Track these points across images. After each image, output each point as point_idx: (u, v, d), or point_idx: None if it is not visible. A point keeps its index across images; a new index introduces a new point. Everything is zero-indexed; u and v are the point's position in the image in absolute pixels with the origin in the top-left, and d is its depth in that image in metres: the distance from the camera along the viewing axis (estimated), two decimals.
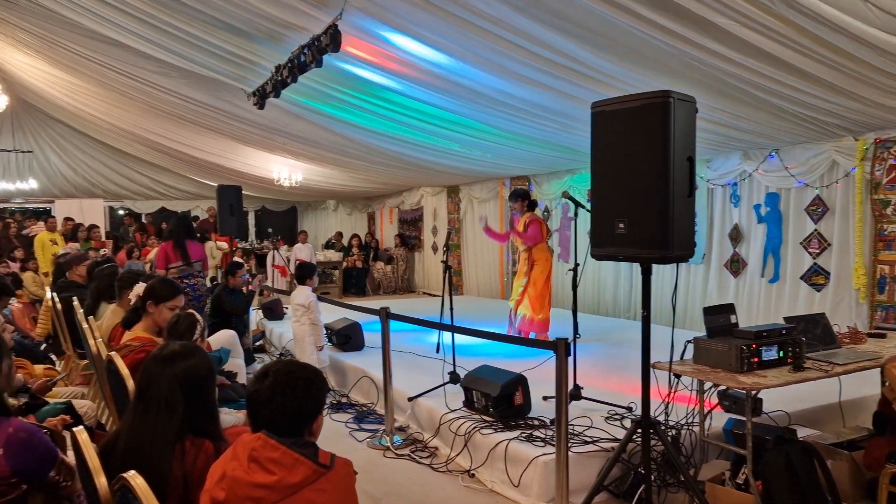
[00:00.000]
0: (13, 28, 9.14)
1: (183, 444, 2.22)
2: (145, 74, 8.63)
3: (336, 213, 18.32)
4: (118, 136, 14.44)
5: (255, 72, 7.12)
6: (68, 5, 7.12)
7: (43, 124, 15.88)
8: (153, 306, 3.73)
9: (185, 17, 6.21)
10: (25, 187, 16.45)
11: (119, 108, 11.49)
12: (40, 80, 12.12)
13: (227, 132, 10.85)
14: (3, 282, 4.82)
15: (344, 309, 6.84)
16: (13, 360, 2.54)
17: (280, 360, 2.17)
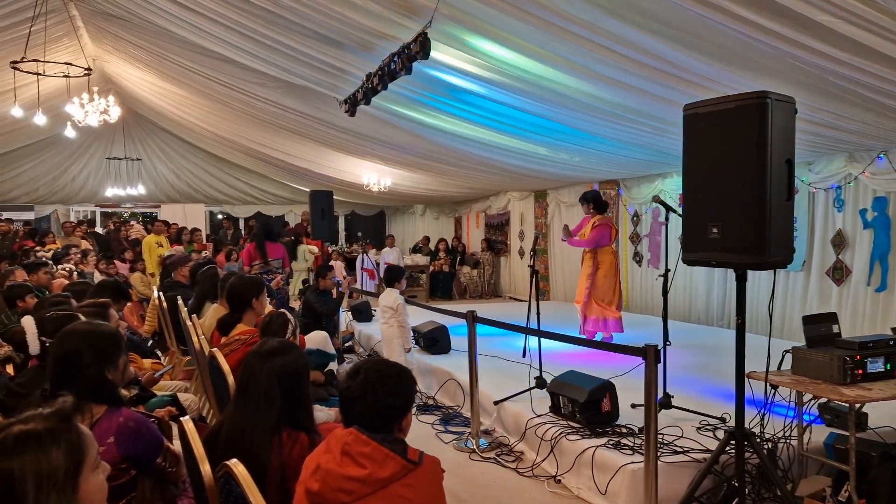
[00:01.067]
0: (127, 44, 9.76)
1: (280, 436, 2.33)
2: (245, 85, 9.04)
3: (423, 217, 18.55)
4: (219, 143, 15.16)
5: (346, 80, 7.33)
6: (177, 22, 7.55)
7: (151, 134, 16.85)
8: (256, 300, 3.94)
9: (283, 31, 6.47)
10: (134, 192, 17.51)
11: (220, 117, 12.07)
12: (149, 93, 12.88)
13: (319, 139, 11.21)
14: (121, 286, 5.16)
15: (431, 312, 6.93)
16: (128, 356, 2.72)
17: (371, 359, 2.25)
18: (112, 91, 11.93)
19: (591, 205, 7.21)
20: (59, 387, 2.22)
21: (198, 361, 4.66)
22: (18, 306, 5.59)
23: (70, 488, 1.31)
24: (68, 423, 1.37)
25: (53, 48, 9.06)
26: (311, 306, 7.21)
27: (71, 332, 2.38)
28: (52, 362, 2.33)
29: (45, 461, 1.29)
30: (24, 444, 1.29)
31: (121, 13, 8.37)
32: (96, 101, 9.40)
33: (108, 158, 17.07)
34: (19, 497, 1.26)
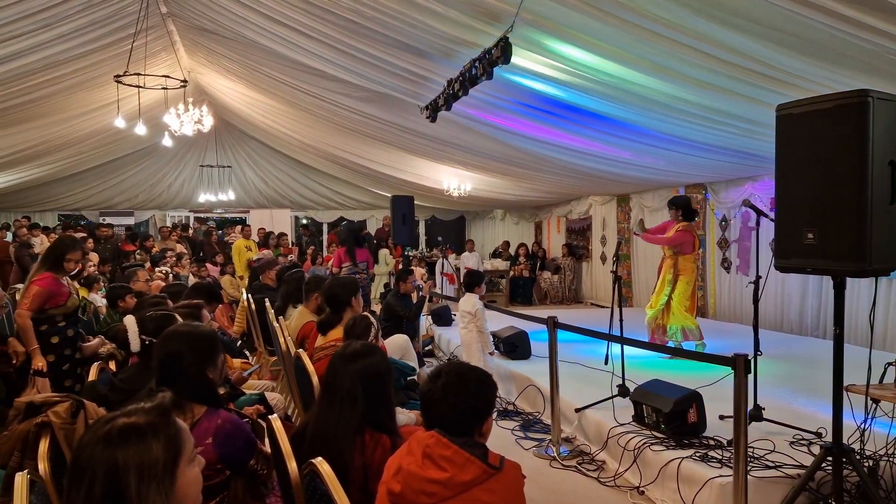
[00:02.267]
0: (219, 57, 10.20)
1: (363, 437, 2.37)
2: (330, 94, 9.28)
3: (503, 222, 18.51)
4: (304, 151, 15.61)
5: (427, 87, 7.42)
6: (266, 35, 7.84)
7: (240, 142, 17.53)
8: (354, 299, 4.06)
9: (367, 41, 6.62)
10: (224, 198, 18.27)
11: (306, 125, 12.44)
12: (239, 102, 13.41)
13: (400, 145, 11.38)
14: (214, 289, 5.38)
15: (511, 317, 6.91)
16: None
17: (452, 362, 2.26)
18: (205, 101, 12.49)
19: (681, 211, 6.99)
20: (164, 386, 2.34)
21: (284, 362, 4.81)
22: (119, 306, 5.91)
23: (168, 480, 1.38)
24: (167, 417, 1.44)
25: (153, 62, 9.55)
26: (392, 310, 7.31)
27: (173, 334, 2.50)
28: (157, 363, 2.46)
29: (146, 453, 1.36)
30: (127, 437, 1.37)
31: (214, 27, 8.76)
32: (191, 112, 9.86)
33: (201, 166, 17.89)
34: (122, 486, 1.33)
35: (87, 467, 1.34)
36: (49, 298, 4.57)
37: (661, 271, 7.14)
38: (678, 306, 6.81)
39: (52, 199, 17.87)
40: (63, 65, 8.93)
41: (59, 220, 17.96)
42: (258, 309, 6.76)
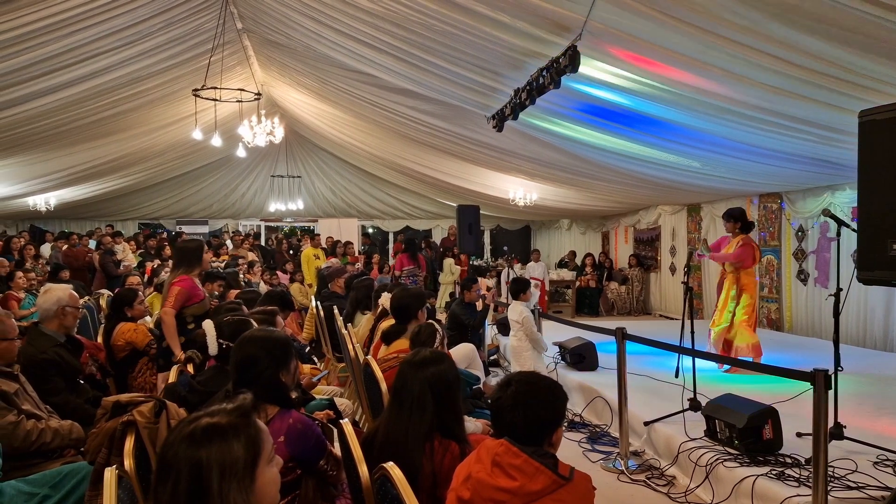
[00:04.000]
0: (291, 70, 10.50)
1: (432, 443, 2.40)
2: (397, 105, 9.42)
3: (569, 231, 18.34)
4: (371, 161, 15.88)
5: (494, 97, 7.44)
6: (336, 49, 8.03)
7: (310, 152, 17.97)
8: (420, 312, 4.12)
9: (435, 53, 6.70)
10: (294, 208, 18.75)
11: (373, 136, 12.65)
12: (309, 114, 13.75)
13: (466, 156, 11.44)
14: (286, 296, 5.53)
15: (577, 328, 6.83)
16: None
17: (522, 371, 2.26)
18: (277, 113, 12.86)
19: (739, 224, 6.80)
20: (240, 388, 2.43)
21: (352, 368, 4.88)
22: None
23: (248, 479, 1.43)
24: (248, 418, 1.49)
25: (228, 76, 9.90)
26: (457, 318, 7.34)
27: (249, 338, 2.59)
28: (234, 366, 2.55)
29: (227, 452, 1.41)
30: (210, 436, 1.42)
31: (287, 42, 9.03)
32: (263, 123, 10.16)
33: (272, 176, 18.42)
34: (205, 484, 1.38)
35: (172, 465, 1.40)
36: (188, 299, 4.86)
37: (724, 287, 6.95)
38: (742, 322, 6.60)
39: (133, 208, 18.71)
40: (145, 80, 9.35)
41: (138, 228, 18.77)
42: (327, 316, 6.89)
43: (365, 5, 6.24)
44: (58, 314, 4.03)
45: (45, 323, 4.05)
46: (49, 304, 4.05)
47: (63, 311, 4.03)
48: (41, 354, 3.79)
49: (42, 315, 4.10)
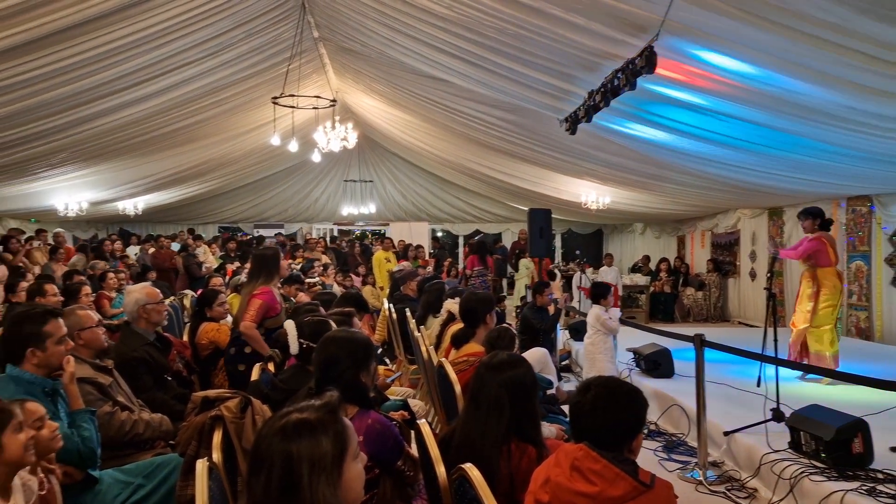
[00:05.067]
0: (365, 76, 10.70)
1: (509, 446, 2.40)
2: (468, 109, 9.47)
3: (643, 236, 17.98)
4: (442, 165, 15.99)
5: (567, 100, 7.38)
6: (409, 54, 8.14)
7: (382, 157, 18.25)
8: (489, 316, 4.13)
9: (508, 57, 6.71)
10: (366, 211, 19.07)
11: (444, 140, 12.74)
12: (382, 119, 13.97)
13: (537, 160, 11.38)
14: (361, 298, 5.63)
15: (652, 334, 6.69)
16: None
17: (601, 376, 2.25)
18: (351, 119, 13.11)
19: (818, 221, 6.54)
20: (322, 387, 2.49)
21: (425, 370, 4.93)
22: None
23: (336, 473, 1.47)
24: (335, 414, 1.54)
25: (305, 84, 10.16)
26: (528, 322, 7.31)
27: (332, 339, 2.65)
28: (316, 365, 2.62)
29: (316, 447, 1.46)
30: (300, 431, 1.48)
31: (361, 49, 9.21)
32: (338, 129, 10.38)
33: (344, 181, 18.80)
34: (296, 477, 1.44)
35: (265, 457, 1.46)
36: (268, 310, 4.87)
37: (800, 286, 6.70)
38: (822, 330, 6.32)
39: (213, 212, 19.42)
40: (226, 89, 9.70)
41: (218, 231, 19.45)
42: (399, 318, 6.98)
43: (439, 11, 6.30)
44: (140, 314, 4.23)
45: (135, 322, 4.25)
46: (131, 306, 4.26)
47: (145, 310, 4.22)
48: (132, 353, 3.98)
49: (128, 316, 4.31)
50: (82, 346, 3.40)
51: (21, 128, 8.19)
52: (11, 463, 2.10)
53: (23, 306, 5.08)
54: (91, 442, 2.76)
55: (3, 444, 2.06)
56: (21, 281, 6.72)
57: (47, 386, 2.85)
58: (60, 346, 2.93)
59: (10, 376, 2.83)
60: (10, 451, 2.08)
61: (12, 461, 2.10)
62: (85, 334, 3.43)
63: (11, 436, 2.08)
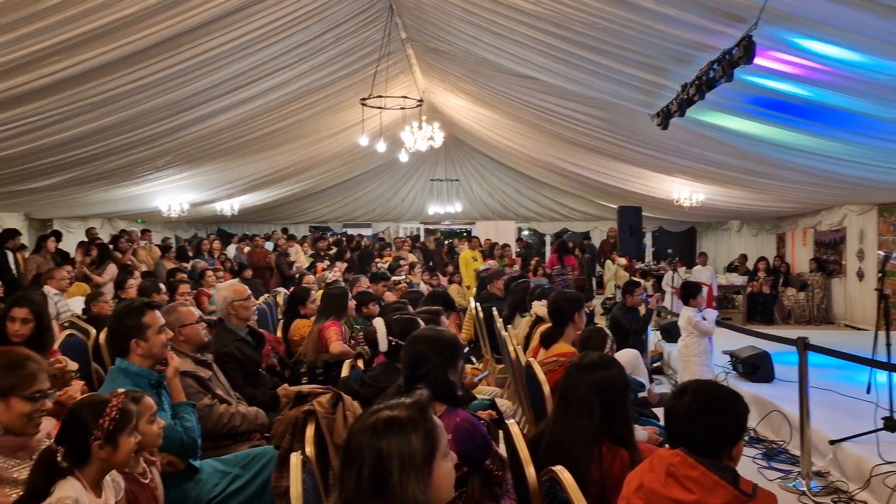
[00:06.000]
0: (451, 76, 10.75)
1: (600, 449, 2.34)
2: (555, 106, 9.36)
3: (739, 234, 17.26)
4: (528, 163, 15.87)
5: (659, 95, 7.17)
6: (495, 52, 8.12)
7: (468, 156, 18.30)
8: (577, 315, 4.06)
9: (597, 52, 6.58)
10: (452, 210, 19.16)
11: (531, 138, 12.64)
12: (467, 118, 14.00)
13: (626, 157, 11.11)
14: (448, 297, 5.66)
15: (750, 336, 6.41)
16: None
17: (699, 380, 2.16)
18: (437, 118, 13.20)
19: None
20: (411, 385, 2.51)
21: (513, 370, 4.90)
22: (363, 311, 6.43)
23: (426, 471, 1.47)
24: (425, 413, 1.54)
25: (392, 84, 10.31)
26: (618, 323, 7.13)
27: (420, 337, 2.67)
28: (405, 363, 2.64)
29: (406, 444, 1.47)
30: (391, 428, 1.48)
31: (447, 48, 9.25)
32: (424, 129, 10.47)
33: (431, 180, 18.96)
34: (386, 474, 1.44)
35: (356, 453, 1.48)
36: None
37: None
38: None
39: (303, 212, 20.01)
40: (316, 92, 9.95)
41: (309, 230, 20.01)
42: (486, 317, 6.96)
43: (525, 7, 6.24)
44: (229, 310, 4.40)
45: (226, 319, 4.43)
46: (220, 304, 4.45)
47: (233, 307, 4.39)
48: (223, 348, 4.14)
49: (220, 313, 4.50)
50: (183, 342, 3.56)
51: (129, 134, 8.67)
52: (119, 463, 2.18)
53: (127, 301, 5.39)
54: (192, 433, 2.88)
55: (118, 444, 2.14)
56: (129, 278, 7.10)
57: (152, 378, 3.00)
58: (161, 335, 3.07)
59: (119, 368, 3.00)
60: (122, 451, 2.16)
61: (120, 462, 2.18)
62: (186, 330, 3.59)
63: (126, 438, 2.17)
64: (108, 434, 2.12)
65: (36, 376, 2.27)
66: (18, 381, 2.23)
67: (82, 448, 2.10)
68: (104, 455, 2.12)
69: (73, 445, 2.10)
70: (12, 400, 2.21)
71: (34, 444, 2.29)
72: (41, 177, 9.44)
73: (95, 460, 2.12)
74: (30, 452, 2.29)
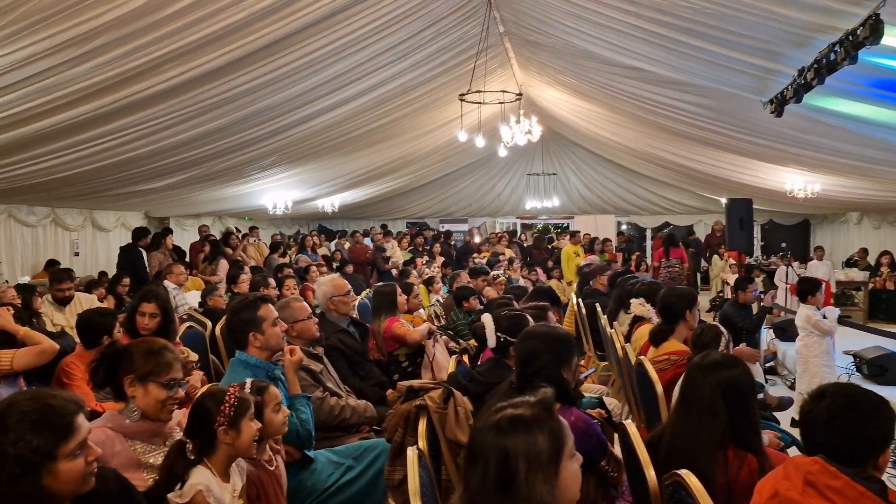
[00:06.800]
0: (549, 68, 10.61)
1: (725, 453, 2.23)
2: (658, 97, 9.06)
3: (859, 226, 16.17)
4: (627, 155, 15.46)
5: (772, 81, 6.81)
6: (596, 42, 7.94)
7: (565, 149, 18.01)
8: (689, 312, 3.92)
9: (705, 38, 6.31)
10: (549, 205, 18.93)
11: (631, 129, 12.30)
12: (565, 111, 13.79)
13: (734, 147, 10.62)
14: (554, 293, 5.60)
15: (875, 335, 6.00)
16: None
17: (839, 383, 2.02)
18: (534, 112, 13.06)
19: None
20: (523, 381, 2.48)
21: (620, 368, 4.78)
22: (464, 306, 6.45)
23: (553, 471, 1.44)
24: (550, 412, 1.50)
25: (490, 79, 10.27)
26: (729, 321, 6.82)
27: (532, 334, 2.64)
28: (517, 360, 2.61)
29: (532, 443, 1.44)
30: (515, 426, 1.46)
31: (546, 40, 9.12)
32: (522, 123, 10.37)
33: (528, 174, 18.77)
34: (512, 472, 1.42)
35: (481, 451, 1.46)
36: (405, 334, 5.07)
37: None
38: None
39: (400, 208, 20.30)
40: (415, 89, 10.05)
41: (406, 226, 20.30)
42: (588, 313, 6.83)
43: None
44: (329, 305, 4.55)
45: (328, 313, 4.57)
46: (321, 299, 4.62)
47: (333, 302, 4.54)
48: (326, 340, 4.26)
49: (321, 307, 4.66)
50: (296, 337, 3.67)
51: (238, 135, 9.05)
52: (243, 448, 2.28)
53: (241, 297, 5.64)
54: (308, 424, 2.96)
55: (240, 429, 2.25)
56: (241, 273, 7.42)
57: (270, 370, 3.11)
58: (276, 327, 3.20)
59: (239, 360, 3.12)
60: (244, 437, 2.26)
61: (244, 447, 2.28)
62: (298, 325, 3.70)
63: (247, 423, 2.28)
64: (230, 419, 2.23)
65: (171, 365, 2.40)
66: (156, 367, 2.36)
67: (209, 434, 2.21)
68: (229, 439, 2.23)
69: (201, 433, 2.21)
70: (150, 385, 2.34)
71: (167, 430, 2.42)
72: (160, 177, 10.01)
73: (221, 446, 2.22)
74: (163, 439, 2.43)
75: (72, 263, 10.05)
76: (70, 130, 7.09)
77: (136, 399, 2.35)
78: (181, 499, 2.10)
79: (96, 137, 7.48)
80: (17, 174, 8.19)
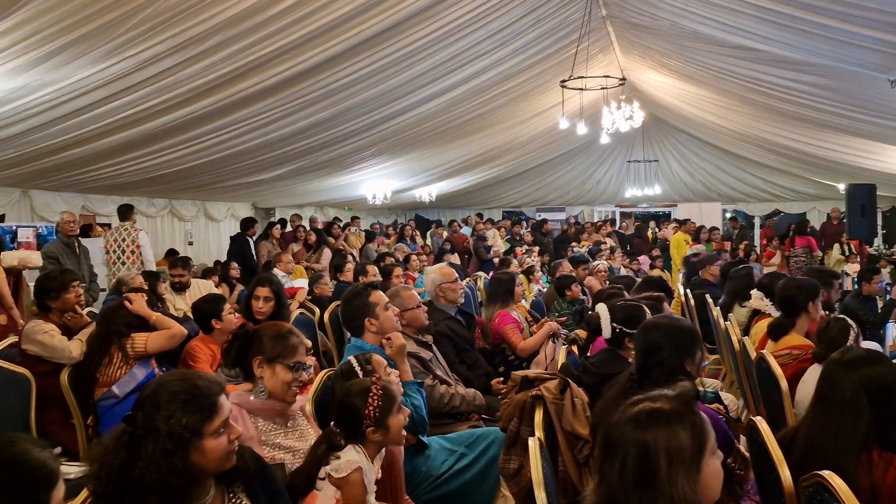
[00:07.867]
0: (653, 52, 10.26)
1: (870, 455, 2.09)
2: (771, 77, 8.60)
3: None
4: (735, 140, 14.77)
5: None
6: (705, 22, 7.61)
7: (667, 135, 17.40)
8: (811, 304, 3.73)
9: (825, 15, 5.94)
10: (650, 193, 18.38)
11: (739, 112, 11.74)
12: (668, 95, 13.31)
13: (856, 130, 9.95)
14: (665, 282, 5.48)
15: None
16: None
17: None
18: (636, 97, 12.69)
19: None
20: (643, 374, 2.42)
21: (735, 362, 4.59)
22: (567, 295, 6.37)
23: (695, 468, 1.39)
24: (691, 406, 1.45)
25: (591, 64, 10.04)
26: (852, 314, 6.41)
27: (654, 325, 2.57)
28: (637, 352, 2.55)
29: (673, 438, 1.39)
30: (655, 420, 1.42)
31: (650, 23, 8.82)
32: (623, 109, 10.09)
33: (628, 161, 18.27)
34: (653, 467, 1.38)
35: (618, 445, 1.43)
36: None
37: None
38: None
39: (497, 197, 20.24)
40: (515, 76, 9.97)
41: (502, 215, 20.23)
42: (697, 304, 6.60)
43: None
44: (438, 292, 4.61)
45: (435, 301, 4.63)
46: (429, 286, 4.70)
47: (441, 289, 4.59)
48: (435, 327, 4.30)
49: (429, 295, 4.73)
50: (406, 325, 3.73)
51: (341, 126, 9.27)
52: (393, 442, 2.39)
53: (349, 285, 5.79)
54: (421, 410, 3.00)
55: (388, 426, 2.33)
56: (346, 262, 7.61)
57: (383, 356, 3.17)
58: (388, 311, 3.29)
59: (354, 346, 3.21)
60: (394, 430, 2.35)
61: (394, 441, 2.39)
62: (408, 314, 3.76)
63: (395, 418, 2.36)
64: (376, 420, 2.30)
65: (297, 348, 2.50)
66: (283, 349, 2.47)
67: (359, 433, 2.30)
68: (378, 437, 2.32)
69: (351, 430, 2.30)
70: (277, 367, 2.45)
71: (291, 412, 2.52)
72: (267, 169, 10.41)
73: (371, 443, 2.32)
74: (285, 420, 2.52)
75: (186, 252, 10.62)
76: (185, 126, 7.49)
77: (263, 380, 2.46)
78: (337, 473, 2.16)
79: (210, 132, 7.86)
80: (139, 168, 8.72)
